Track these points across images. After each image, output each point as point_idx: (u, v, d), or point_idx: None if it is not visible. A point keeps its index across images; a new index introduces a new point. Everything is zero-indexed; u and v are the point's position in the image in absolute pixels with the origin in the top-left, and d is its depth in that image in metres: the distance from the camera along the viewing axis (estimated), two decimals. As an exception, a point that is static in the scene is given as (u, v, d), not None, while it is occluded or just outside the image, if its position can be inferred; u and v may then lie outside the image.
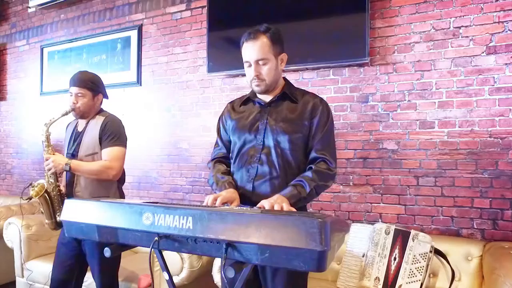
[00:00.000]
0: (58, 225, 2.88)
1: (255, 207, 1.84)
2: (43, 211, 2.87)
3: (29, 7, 5.15)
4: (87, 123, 2.88)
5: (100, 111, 2.93)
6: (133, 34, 4.37)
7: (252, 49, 2.04)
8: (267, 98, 2.15)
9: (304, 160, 2.09)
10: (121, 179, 2.94)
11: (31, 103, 5.27)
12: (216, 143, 2.35)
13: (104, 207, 1.68)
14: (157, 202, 1.74)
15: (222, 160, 2.29)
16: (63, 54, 4.93)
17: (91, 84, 2.83)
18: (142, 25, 4.33)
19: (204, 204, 1.93)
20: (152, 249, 1.55)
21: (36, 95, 5.20)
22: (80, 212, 1.73)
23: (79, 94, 2.80)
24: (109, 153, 2.77)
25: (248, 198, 2.04)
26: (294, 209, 1.82)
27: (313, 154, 2.06)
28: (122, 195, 2.95)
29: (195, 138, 4.01)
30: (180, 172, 4.09)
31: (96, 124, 2.84)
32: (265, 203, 1.82)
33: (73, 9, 4.89)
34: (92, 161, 2.79)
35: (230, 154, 2.26)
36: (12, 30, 5.53)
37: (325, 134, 2.07)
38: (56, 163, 2.76)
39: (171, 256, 2.85)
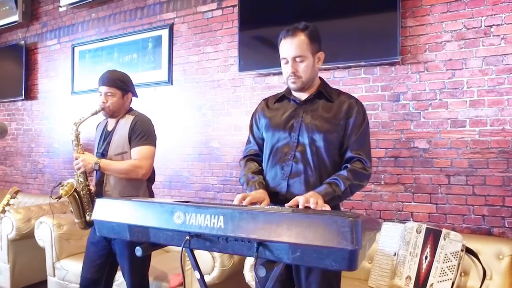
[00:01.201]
0: (88, 224, 3.06)
1: (286, 206, 1.95)
2: (72, 210, 3.04)
3: (60, 6, 5.51)
4: (117, 122, 3.06)
5: (130, 110, 3.11)
6: (164, 33, 4.69)
7: (290, 46, 2.16)
8: (302, 96, 2.28)
9: (338, 160, 2.20)
10: (151, 178, 3.10)
11: (62, 102, 5.68)
12: (248, 140, 2.48)
13: (136, 206, 1.78)
14: (188, 201, 1.84)
15: (254, 158, 2.42)
16: (94, 53, 5.30)
17: (120, 83, 3.00)
18: (173, 24, 4.65)
19: (234, 203, 2.03)
20: (184, 248, 1.63)
21: (67, 94, 5.60)
22: (112, 211, 1.83)
23: (109, 93, 2.97)
24: (139, 152, 2.93)
25: (282, 196, 2.17)
26: (328, 206, 1.93)
27: (348, 154, 2.18)
28: (151, 194, 3.13)
29: (226, 137, 4.30)
30: (211, 171, 4.39)
31: (125, 123, 3.01)
32: (300, 198, 1.93)
33: (104, 8, 5.26)
34: (122, 160, 2.95)
35: (264, 151, 2.37)
36: (43, 29, 5.95)
37: (361, 135, 2.19)
38: (86, 162, 2.94)
39: (202, 255, 3.04)
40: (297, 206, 1.93)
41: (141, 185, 3.01)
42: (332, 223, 1.38)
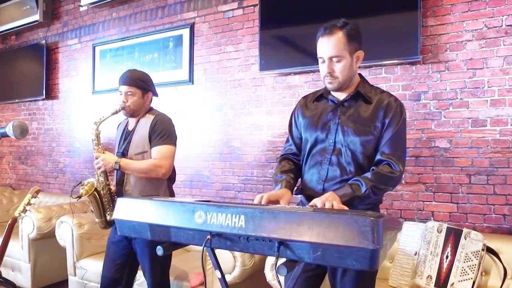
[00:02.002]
0: (108, 223, 3.18)
1: (307, 205, 2.07)
2: (92, 209, 3.17)
3: (81, 6, 5.75)
4: (137, 121, 3.19)
5: (150, 110, 3.24)
6: (185, 32, 4.90)
7: (327, 45, 2.17)
8: (340, 96, 2.31)
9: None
10: (171, 178, 3.22)
11: (83, 102, 5.94)
12: (287, 139, 2.55)
13: (157, 206, 1.84)
14: (209, 201, 1.89)
15: (290, 157, 2.48)
16: (115, 52, 5.55)
17: (140, 83, 3.12)
18: (194, 23, 4.86)
19: (254, 203, 2.10)
20: (205, 248, 1.69)
21: (88, 94, 5.86)
22: (133, 210, 1.90)
23: (129, 93, 3.10)
24: (159, 151, 3.05)
25: None
26: (345, 207, 1.98)
27: (377, 157, 2.21)
28: (172, 194, 3.25)
29: (247, 136, 4.49)
30: (232, 170, 4.58)
31: (146, 122, 3.13)
32: (316, 201, 1.99)
33: (125, 7, 5.50)
34: (142, 160, 3.07)
35: (302, 152, 2.43)
36: (64, 28, 6.23)
37: (394, 136, 2.20)
38: (106, 162, 3.06)
39: (223, 255, 3.12)
40: None
41: (161, 184, 3.13)
42: (353, 222, 1.44)
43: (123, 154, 3.15)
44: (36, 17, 6.19)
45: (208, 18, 4.74)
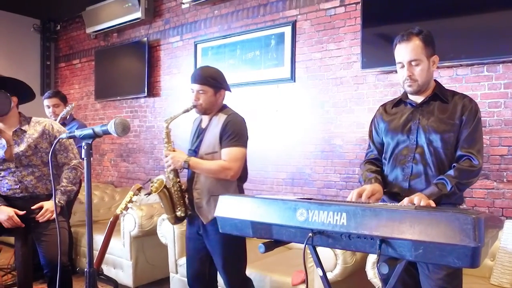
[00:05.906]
0: (179, 219, 3.54)
1: (408, 203, 2.36)
2: (162, 206, 3.54)
3: (183, 3, 6.67)
4: (210, 120, 3.53)
5: (224, 108, 3.57)
6: (287, 30, 5.68)
7: (405, 50, 2.65)
8: (418, 99, 2.79)
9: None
10: (242, 177, 3.55)
11: (185, 100, 6.64)
12: (368, 145, 3.06)
13: (258, 203, 2.03)
14: (311, 199, 2.13)
15: (373, 161, 2.97)
16: (217, 50, 6.43)
17: (212, 81, 3.41)
18: (296, 21, 5.62)
19: (349, 199, 2.50)
20: (306, 245, 1.87)
21: (189, 92, 6.49)
22: (234, 208, 2.12)
23: (201, 91, 3.42)
24: (228, 153, 3.36)
25: (404, 197, 2.53)
26: (433, 203, 2.38)
27: (458, 152, 2.65)
28: (241, 193, 3.53)
29: (348, 134, 5.17)
30: (333, 168, 5.29)
31: (218, 122, 3.45)
32: (404, 200, 2.43)
33: (227, 5, 6.38)
34: (212, 160, 3.38)
35: (384, 155, 2.89)
36: (166, 26, 7.23)
37: (471, 132, 2.63)
38: (175, 160, 3.39)
39: (324, 252, 3.47)
40: None
41: (231, 184, 3.46)
42: (454, 220, 1.60)
43: (195, 152, 3.52)
44: (138, 14, 7.16)
45: (310, 16, 5.46)
